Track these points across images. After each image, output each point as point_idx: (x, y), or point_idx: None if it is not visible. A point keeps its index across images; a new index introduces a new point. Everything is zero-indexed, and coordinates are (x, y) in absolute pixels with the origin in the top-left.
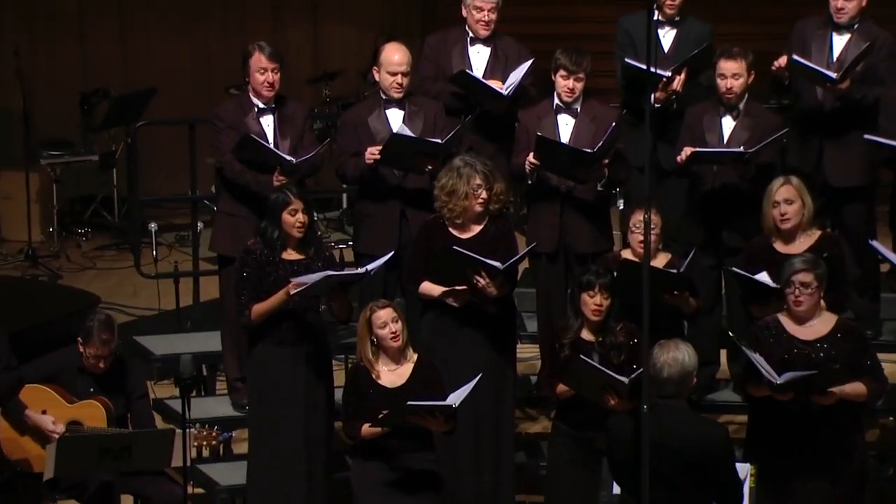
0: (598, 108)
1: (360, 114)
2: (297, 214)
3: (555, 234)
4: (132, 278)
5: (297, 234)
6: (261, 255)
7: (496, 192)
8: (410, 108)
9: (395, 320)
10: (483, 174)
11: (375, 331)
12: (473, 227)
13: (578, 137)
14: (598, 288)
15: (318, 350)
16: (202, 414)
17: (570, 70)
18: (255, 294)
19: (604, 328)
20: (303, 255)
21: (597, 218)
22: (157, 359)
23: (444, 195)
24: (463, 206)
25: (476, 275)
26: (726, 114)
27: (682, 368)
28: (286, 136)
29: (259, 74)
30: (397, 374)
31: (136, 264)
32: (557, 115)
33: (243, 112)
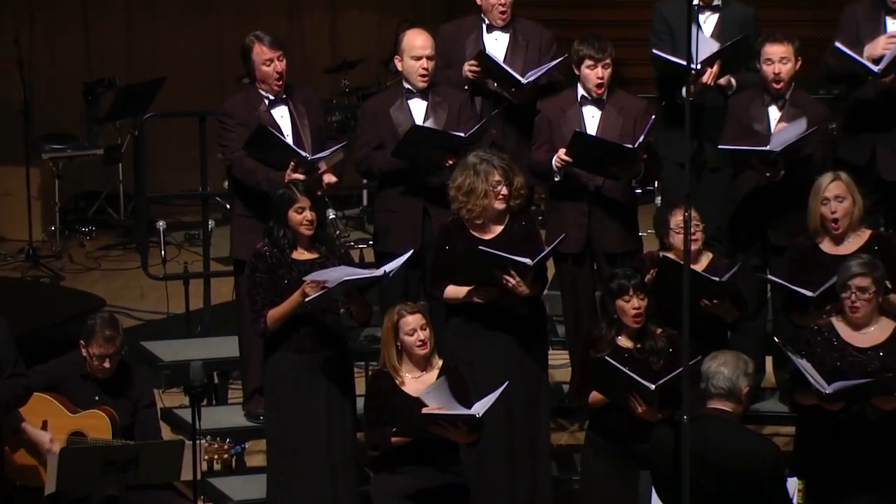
0: (625, 98)
1: (381, 104)
2: (303, 212)
3: (582, 234)
4: (139, 280)
5: (306, 233)
6: (271, 257)
7: (517, 186)
8: (434, 98)
9: (423, 327)
10: (502, 169)
11: (402, 337)
12: (495, 227)
13: (606, 130)
14: (632, 291)
15: (339, 356)
16: (213, 424)
17: (596, 58)
18: (269, 299)
19: (643, 333)
20: (316, 254)
21: (625, 216)
22: (166, 365)
23: (461, 195)
24: (482, 206)
25: (505, 274)
26: (772, 103)
27: (734, 379)
28: (305, 125)
29: (265, 67)
30: (422, 382)
31: (144, 265)
32: (583, 107)
33: (253, 106)
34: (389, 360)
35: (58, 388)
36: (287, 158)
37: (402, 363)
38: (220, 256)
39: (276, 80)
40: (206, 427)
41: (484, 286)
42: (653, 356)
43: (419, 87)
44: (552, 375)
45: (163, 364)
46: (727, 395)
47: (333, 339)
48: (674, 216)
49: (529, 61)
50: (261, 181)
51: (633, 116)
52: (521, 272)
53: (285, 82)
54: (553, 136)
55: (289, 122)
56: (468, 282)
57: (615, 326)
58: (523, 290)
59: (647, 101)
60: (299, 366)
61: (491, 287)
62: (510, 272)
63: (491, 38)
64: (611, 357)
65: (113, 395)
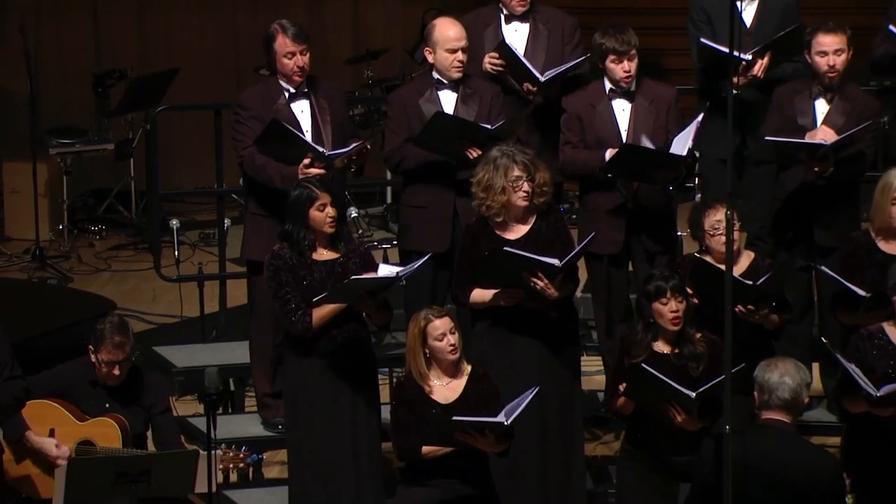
0: (655, 88)
1: (411, 95)
2: (325, 209)
3: (619, 234)
4: (151, 282)
5: (330, 230)
6: (291, 259)
7: (539, 182)
8: (465, 90)
9: (452, 331)
10: (523, 164)
11: (430, 342)
12: (521, 227)
13: (638, 123)
14: (669, 293)
15: (363, 361)
16: (229, 434)
17: (620, 52)
18: (303, 297)
19: (681, 337)
20: (336, 254)
21: (664, 214)
22: (179, 371)
23: (480, 191)
24: (501, 202)
25: (532, 276)
26: (820, 96)
27: (798, 391)
28: (326, 122)
29: (286, 59)
30: (450, 389)
31: (156, 266)
32: (612, 101)
33: (271, 99)
34: (417, 367)
35: (65, 395)
36: (302, 155)
37: (431, 370)
38: (236, 257)
39: (298, 75)
40: (222, 437)
41: (510, 289)
42: (691, 362)
43: (453, 79)
44: (586, 383)
45: (176, 370)
46: (789, 406)
47: (358, 343)
48: (708, 217)
49: (552, 52)
50: (272, 177)
51: (665, 106)
52: (549, 273)
53: (307, 75)
54: (585, 132)
55: (309, 118)
56: (494, 284)
57: (652, 330)
58: (552, 292)
59: (676, 89)
60: (321, 372)
61: (517, 289)
62: (537, 274)
63: (510, 29)
64: (647, 363)
65: (124, 402)
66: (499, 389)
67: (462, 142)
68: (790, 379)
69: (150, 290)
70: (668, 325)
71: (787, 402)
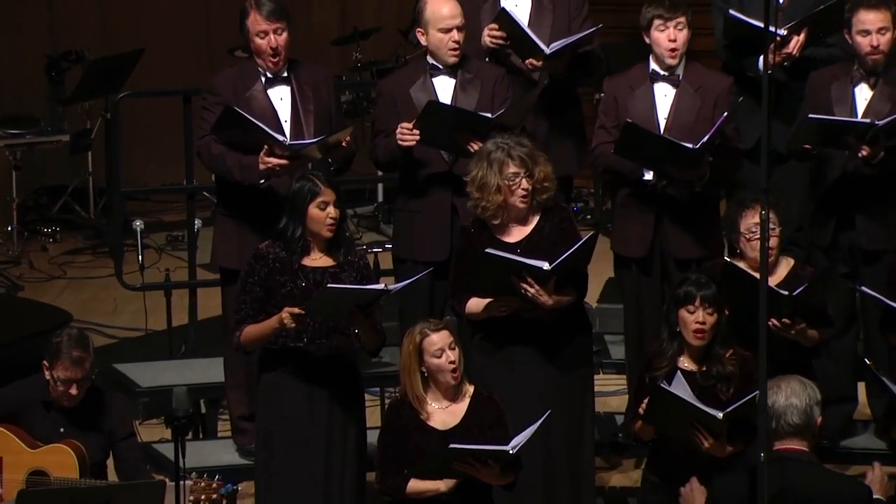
0: (704, 75)
1: (401, 83)
2: (327, 208)
3: (648, 233)
4: (112, 290)
5: (327, 234)
6: (275, 261)
7: (539, 178)
8: (464, 75)
9: (452, 346)
10: (520, 159)
11: (427, 360)
12: (521, 228)
13: (679, 113)
14: (698, 301)
15: (346, 380)
16: (200, 462)
17: (666, 17)
18: (257, 310)
19: (709, 354)
20: (331, 261)
21: (703, 213)
22: (144, 392)
23: (475, 190)
24: (497, 203)
25: (521, 281)
26: (861, 81)
27: (808, 412)
28: (309, 112)
29: (259, 39)
30: (450, 413)
31: (117, 273)
32: (654, 85)
33: (244, 84)
34: (413, 388)
35: (15, 420)
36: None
37: (428, 391)
38: (207, 263)
39: (271, 57)
40: (192, 465)
41: (504, 297)
42: (720, 382)
43: (449, 63)
44: (602, 404)
45: (140, 390)
46: (802, 431)
47: (340, 359)
48: (745, 218)
49: (558, 26)
50: (230, 168)
51: (714, 96)
52: (539, 279)
53: (287, 58)
54: (620, 118)
55: (288, 106)
56: (488, 293)
57: (676, 341)
58: (545, 299)
59: (733, 80)
60: (297, 390)
61: (512, 297)
62: (527, 279)
63: (510, 3)
64: (670, 380)
65: (81, 427)
66: (504, 414)
67: (461, 133)
68: (797, 400)
69: (110, 300)
70: (691, 337)
71: (799, 427)
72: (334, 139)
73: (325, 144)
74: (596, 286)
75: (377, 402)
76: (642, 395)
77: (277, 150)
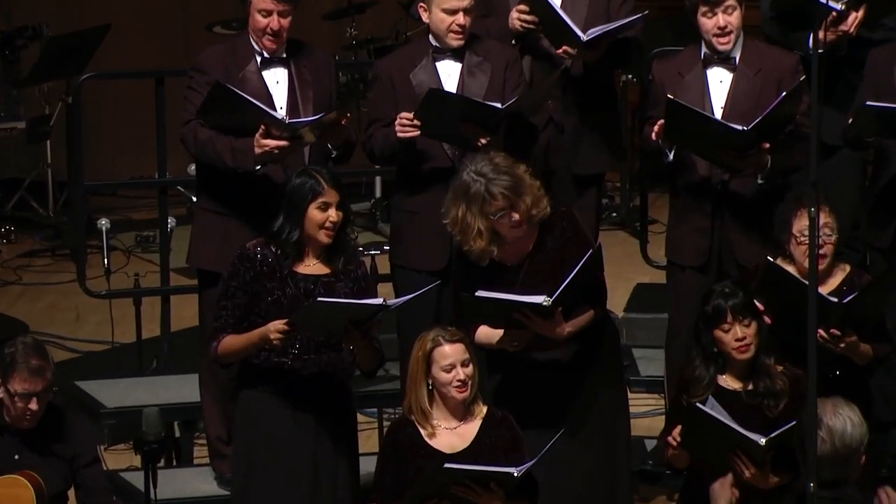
0: (765, 54)
1: (400, 64)
2: (329, 210)
3: (705, 241)
4: (74, 298)
5: (325, 239)
6: (263, 263)
7: (527, 206)
8: (472, 57)
9: (465, 363)
10: (502, 196)
11: (436, 373)
12: (521, 247)
13: (737, 100)
14: (730, 316)
15: (336, 400)
16: (174, 492)
17: (710, 1)
18: (239, 318)
19: (754, 369)
20: (327, 269)
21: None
22: (110, 413)
23: (457, 231)
24: (481, 247)
25: (523, 317)
26: None
27: (841, 444)
28: (308, 99)
29: (259, 16)
30: (458, 435)
31: (80, 278)
32: (707, 70)
33: (237, 63)
34: (417, 401)
35: None
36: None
37: (435, 407)
38: (182, 266)
39: (269, 41)
40: (165, 496)
41: (515, 330)
42: (769, 400)
43: (452, 47)
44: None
45: (106, 411)
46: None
47: (331, 376)
48: (799, 218)
49: (595, 9)
50: (221, 153)
51: (777, 78)
52: (543, 314)
53: (285, 40)
54: None
55: (285, 90)
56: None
57: (714, 364)
58: (556, 332)
59: (799, 58)
60: (280, 410)
61: (521, 331)
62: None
63: None
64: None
65: (40, 451)
66: (521, 438)
67: (468, 125)
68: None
69: (72, 309)
70: (735, 354)
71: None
72: (330, 118)
73: (320, 125)
74: (622, 293)
75: (374, 425)
76: (676, 419)
77: (275, 130)
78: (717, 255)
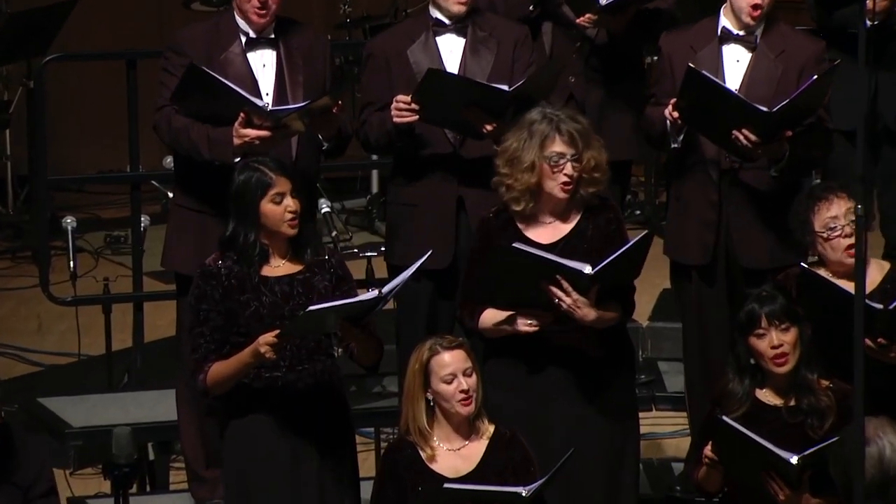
0: (789, 37)
1: (396, 42)
2: (284, 200)
3: (710, 237)
4: (36, 305)
5: (290, 231)
6: (229, 277)
7: (588, 165)
8: (476, 33)
9: (467, 372)
10: (569, 135)
11: (436, 385)
12: (558, 226)
13: (754, 83)
14: (765, 321)
15: (331, 419)
16: None
17: None
18: (220, 342)
19: (798, 383)
20: (298, 266)
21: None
22: (76, 433)
23: (503, 164)
24: (526, 184)
25: (555, 287)
26: None
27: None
28: (297, 84)
29: None
30: (462, 457)
31: (43, 283)
32: (723, 46)
33: (219, 43)
34: (415, 419)
35: None
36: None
37: (435, 426)
38: (157, 270)
39: (257, 15)
40: None
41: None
42: (813, 419)
43: (454, 13)
44: (654, 449)
45: (71, 431)
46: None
47: (327, 386)
48: (820, 212)
49: None
50: (197, 143)
51: (800, 64)
52: (578, 286)
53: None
54: (677, 83)
55: (272, 74)
56: (507, 303)
57: (750, 376)
58: (584, 312)
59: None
60: (277, 436)
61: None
62: (562, 284)
63: None
64: (747, 417)
65: None
66: (531, 459)
67: (471, 110)
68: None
69: (33, 318)
70: (772, 366)
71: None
72: (320, 104)
73: (309, 112)
74: (647, 300)
75: (371, 447)
76: (706, 439)
77: (256, 118)
78: (723, 254)
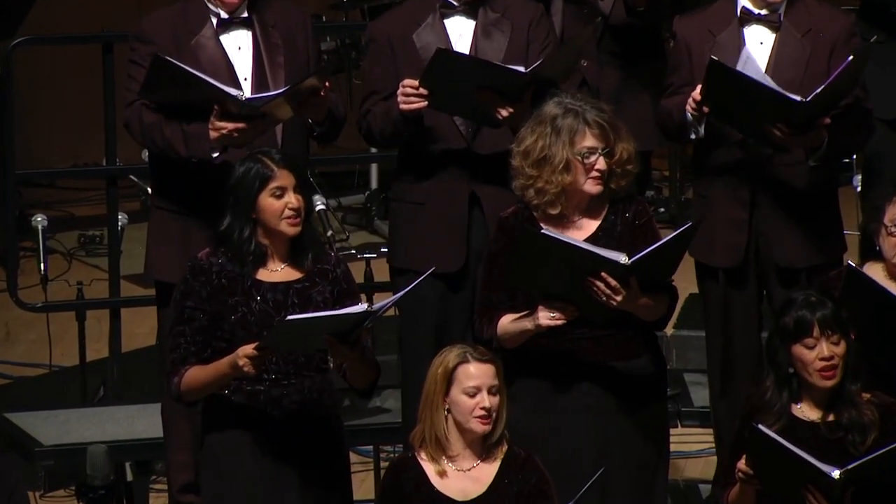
0: (815, 13)
1: (401, 24)
2: (285, 195)
3: (741, 237)
4: (3, 311)
5: (291, 230)
6: (220, 275)
7: (621, 157)
8: (488, 14)
9: (493, 390)
10: (599, 128)
11: (456, 396)
12: (586, 222)
13: (781, 66)
14: (817, 330)
15: (319, 443)
16: None
17: None
18: (201, 345)
19: (839, 397)
20: (299, 273)
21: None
22: (47, 452)
23: (529, 166)
24: (560, 185)
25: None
26: None
27: None
28: (278, 66)
29: None
30: (473, 479)
31: (11, 287)
32: (744, 28)
33: (188, 27)
34: (433, 428)
35: None
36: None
37: (451, 439)
38: (137, 273)
39: None
40: None
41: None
42: (854, 435)
43: None
44: (680, 469)
45: (42, 450)
46: None
47: (316, 405)
48: (892, 207)
49: None
50: (172, 140)
51: (830, 43)
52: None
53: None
54: (695, 71)
55: (249, 57)
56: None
57: (791, 389)
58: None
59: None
60: (251, 455)
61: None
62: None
63: None
64: (782, 434)
65: None
66: (549, 483)
67: (484, 94)
68: None
69: (1, 325)
70: (818, 379)
71: None
72: (307, 85)
73: (296, 94)
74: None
75: (370, 466)
76: (742, 451)
77: (232, 108)
78: (753, 256)
